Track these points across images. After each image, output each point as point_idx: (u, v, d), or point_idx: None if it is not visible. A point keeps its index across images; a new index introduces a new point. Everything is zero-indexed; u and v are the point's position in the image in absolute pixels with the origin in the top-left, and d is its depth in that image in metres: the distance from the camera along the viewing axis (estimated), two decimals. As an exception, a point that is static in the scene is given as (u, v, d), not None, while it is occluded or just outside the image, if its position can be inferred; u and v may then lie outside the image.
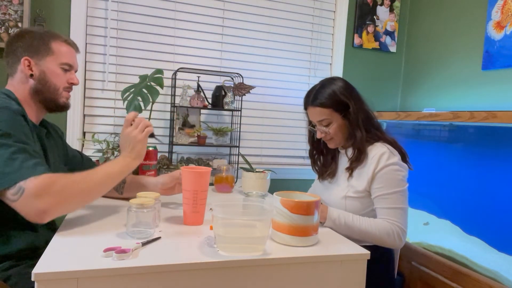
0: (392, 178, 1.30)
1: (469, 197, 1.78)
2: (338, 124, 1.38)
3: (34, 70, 1.15)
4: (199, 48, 2.19)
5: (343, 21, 2.43)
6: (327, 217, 1.26)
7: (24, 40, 1.15)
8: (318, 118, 1.40)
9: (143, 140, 1.17)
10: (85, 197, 1.02)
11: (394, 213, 1.28)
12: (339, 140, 1.42)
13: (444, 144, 2.00)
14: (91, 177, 1.04)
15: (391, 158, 1.31)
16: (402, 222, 1.28)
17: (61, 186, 0.95)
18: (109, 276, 0.80)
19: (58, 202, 0.95)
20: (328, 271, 0.98)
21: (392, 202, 1.28)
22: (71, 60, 1.21)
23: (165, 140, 2.11)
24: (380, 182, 1.30)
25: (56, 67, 1.17)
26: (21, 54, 1.14)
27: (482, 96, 1.98)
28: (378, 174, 1.30)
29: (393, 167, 1.30)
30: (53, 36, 1.19)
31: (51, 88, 1.17)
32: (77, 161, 1.39)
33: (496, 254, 1.60)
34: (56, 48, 1.18)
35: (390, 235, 1.26)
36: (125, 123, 1.18)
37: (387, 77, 2.58)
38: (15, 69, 1.16)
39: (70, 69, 1.22)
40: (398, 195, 1.29)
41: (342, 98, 1.36)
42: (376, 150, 1.34)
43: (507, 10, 1.84)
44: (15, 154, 0.95)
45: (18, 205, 0.93)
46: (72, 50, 1.22)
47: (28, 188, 0.92)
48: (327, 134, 1.41)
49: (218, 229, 0.93)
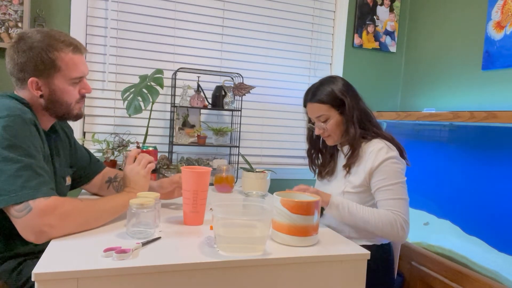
0: (392, 170, 1.31)
1: (469, 197, 1.78)
2: (335, 120, 1.41)
3: (44, 90, 1.08)
4: (199, 48, 2.19)
5: (343, 21, 2.43)
6: (330, 202, 1.28)
7: (27, 58, 1.05)
8: (316, 114, 1.43)
9: (146, 176, 1.21)
10: (86, 226, 1.03)
11: (397, 204, 1.29)
12: (337, 137, 1.44)
13: (444, 144, 2.00)
14: (96, 208, 1.06)
15: (390, 152, 1.33)
16: (405, 213, 1.28)
17: (66, 211, 0.96)
18: (109, 276, 0.80)
19: (59, 225, 0.95)
20: (328, 271, 0.98)
21: (394, 193, 1.29)
22: (80, 71, 1.12)
23: (165, 140, 2.11)
24: (380, 175, 1.31)
25: (65, 84, 1.10)
26: (27, 74, 1.06)
27: (482, 96, 1.98)
28: (378, 168, 1.32)
29: (393, 160, 1.32)
30: (56, 48, 1.07)
31: (63, 105, 1.12)
32: (84, 162, 1.37)
33: (496, 254, 1.60)
34: (63, 63, 1.08)
35: (393, 225, 1.25)
36: (128, 159, 1.22)
37: (387, 77, 2.58)
38: (23, 86, 1.09)
39: (81, 80, 1.15)
40: (399, 186, 1.30)
41: (338, 95, 1.40)
42: (373, 146, 1.36)
43: (507, 10, 1.84)
44: (20, 171, 0.94)
45: (20, 222, 0.93)
46: (79, 58, 1.12)
47: (35, 208, 0.92)
48: (325, 130, 1.43)
49: (218, 229, 0.93)
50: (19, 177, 0.93)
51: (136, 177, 1.19)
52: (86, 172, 1.37)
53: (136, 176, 1.20)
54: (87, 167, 1.37)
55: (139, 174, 1.20)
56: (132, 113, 1.81)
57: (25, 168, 0.95)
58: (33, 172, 0.96)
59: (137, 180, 1.19)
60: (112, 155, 1.73)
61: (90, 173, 1.38)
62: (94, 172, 1.38)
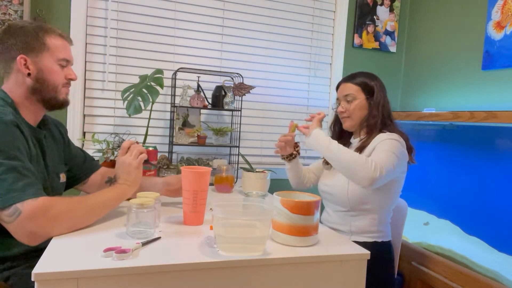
0: (389, 144, 1.34)
1: (469, 197, 1.78)
2: (360, 102, 1.48)
3: (31, 69, 1.10)
4: (199, 48, 2.19)
5: (343, 21, 2.43)
6: (311, 132, 1.37)
7: (17, 37, 1.09)
8: (345, 93, 1.51)
9: (138, 167, 1.20)
10: (80, 224, 1.03)
11: (381, 155, 1.31)
12: (355, 121, 1.50)
13: (444, 144, 2.00)
14: (87, 204, 1.05)
15: (393, 136, 1.37)
16: (384, 163, 1.27)
17: (58, 211, 0.96)
18: (109, 276, 0.80)
19: (52, 226, 0.95)
20: (328, 271, 0.98)
21: (381, 155, 1.31)
22: (67, 55, 1.17)
23: (165, 140, 2.11)
24: (378, 147, 1.35)
25: (53, 63, 1.13)
26: (15, 53, 1.09)
27: (482, 96, 1.98)
28: (378, 145, 1.36)
29: (393, 140, 1.35)
30: (46, 30, 1.13)
31: (50, 86, 1.13)
32: (78, 161, 1.37)
33: (496, 254, 1.60)
34: (52, 43, 1.13)
35: (367, 165, 1.25)
36: (121, 151, 1.21)
37: (387, 77, 2.57)
38: (10, 69, 1.11)
39: (67, 65, 1.18)
40: (390, 152, 1.31)
41: (371, 84, 1.49)
42: (384, 136, 1.39)
43: (507, 10, 1.84)
44: (4, 175, 0.93)
45: (12, 226, 0.93)
46: (66, 44, 1.18)
47: (25, 211, 0.91)
48: (347, 110, 1.49)
49: (218, 229, 0.93)
50: (3, 181, 0.92)
51: (128, 168, 1.18)
52: (81, 170, 1.36)
53: (128, 167, 1.18)
54: (81, 166, 1.36)
55: (131, 165, 1.18)
56: (132, 113, 1.81)
57: (10, 171, 0.94)
58: (18, 174, 0.95)
59: (129, 171, 1.18)
60: (112, 155, 1.73)
61: (85, 172, 1.37)
62: (90, 171, 1.38)
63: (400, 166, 1.34)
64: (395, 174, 1.33)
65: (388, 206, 1.43)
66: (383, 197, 1.39)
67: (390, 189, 1.39)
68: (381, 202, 1.39)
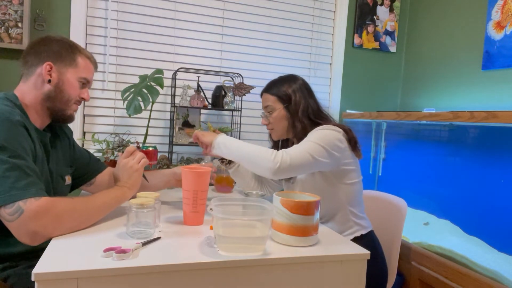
0: (316, 134, 1.29)
1: (469, 197, 1.78)
2: (279, 113, 1.43)
3: (54, 76, 1.14)
4: (199, 48, 2.19)
5: (343, 21, 2.43)
6: (214, 144, 1.28)
7: (52, 46, 1.15)
8: (264, 104, 1.48)
9: (139, 170, 1.23)
10: (80, 224, 1.03)
11: (298, 147, 1.26)
12: (280, 131, 1.46)
13: (444, 144, 2.00)
14: (89, 205, 1.06)
15: (325, 127, 1.32)
16: (294, 154, 1.22)
17: (59, 211, 0.96)
18: (109, 276, 0.80)
19: (54, 226, 0.95)
20: (328, 271, 0.98)
21: (300, 145, 1.27)
22: (89, 76, 1.22)
23: (165, 140, 2.11)
24: (305, 138, 1.31)
25: (74, 79, 1.17)
26: (44, 58, 1.13)
27: (482, 96, 1.98)
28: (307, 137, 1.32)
29: (323, 130, 1.31)
30: (80, 50, 1.20)
31: (64, 97, 1.16)
32: (83, 162, 1.37)
33: (496, 254, 1.60)
34: (80, 62, 1.19)
35: (267, 155, 1.21)
36: (125, 154, 1.24)
37: (387, 77, 2.58)
38: (33, 72, 1.14)
39: (86, 85, 1.22)
40: (311, 142, 1.26)
41: (287, 92, 1.42)
42: (316, 128, 1.34)
43: (507, 10, 1.84)
44: (8, 172, 0.93)
45: (13, 225, 0.93)
46: (92, 67, 1.24)
47: (27, 210, 0.92)
48: (269, 123, 1.46)
49: (218, 229, 0.93)
50: (7, 178, 0.93)
51: (130, 171, 1.21)
52: (86, 170, 1.37)
53: (130, 170, 1.21)
54: (86, 166, 1.37)
55: (132, 168, 1.21)
56: (132, 113, 1.81)
57: (14, 168, 0.94)
58: (22, 172, 0.95)
59: (130, 174, 1.21)
60: (112, 155, 1.73)
61: (90, 172, 1.38)
62: (95, 172, 1.38)
63: (327, 157, 1.26)
64: (320, 164, 1.26)
65: (351, 200, 1.37)
66: (337, 195, 1.35)
67: (339, 185, 1.34)
68: (340, 200, 1.35)
